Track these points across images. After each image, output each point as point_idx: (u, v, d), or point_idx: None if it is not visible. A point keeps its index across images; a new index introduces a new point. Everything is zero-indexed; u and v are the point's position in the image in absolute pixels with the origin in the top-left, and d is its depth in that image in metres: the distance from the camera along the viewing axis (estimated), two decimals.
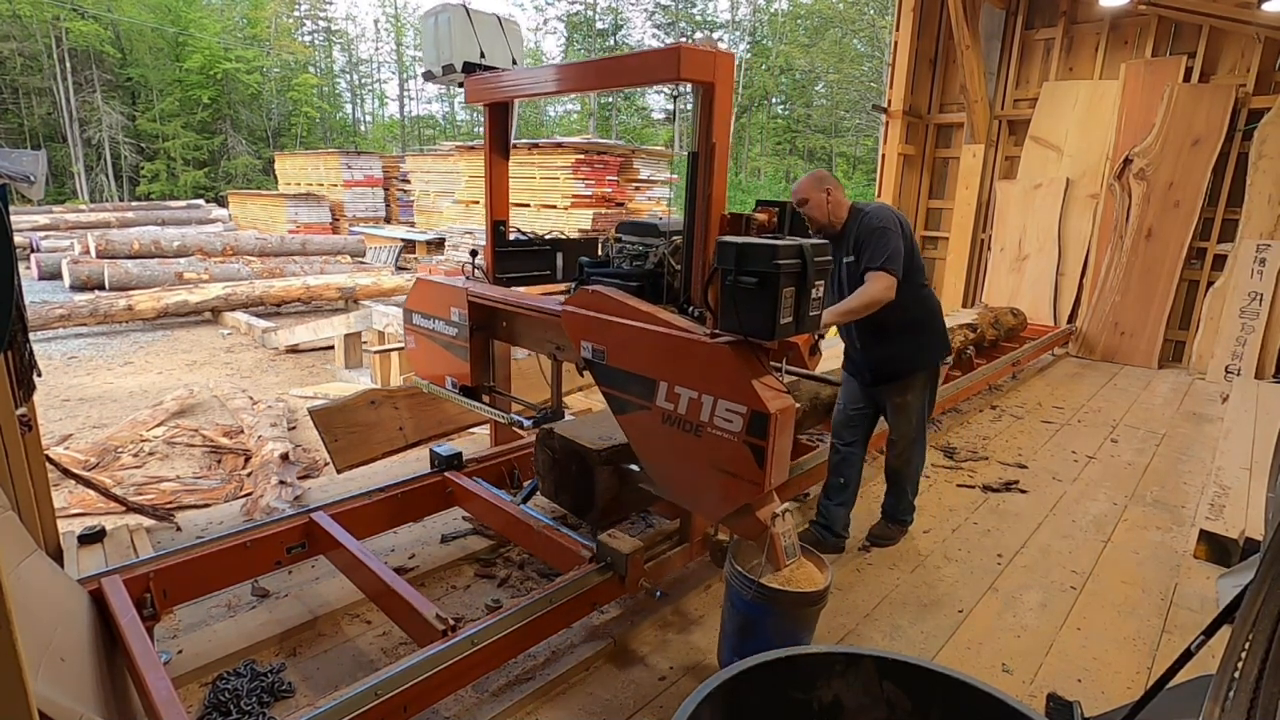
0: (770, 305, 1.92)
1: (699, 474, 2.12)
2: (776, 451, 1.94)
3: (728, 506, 2.11)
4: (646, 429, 2.24)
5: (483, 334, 2.95)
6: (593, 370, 2.37)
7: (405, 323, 3.28)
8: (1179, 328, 7.00)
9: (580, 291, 2.45)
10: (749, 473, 1.97)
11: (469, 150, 14.48)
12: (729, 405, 1.98)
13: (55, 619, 1.87)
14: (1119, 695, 2.32)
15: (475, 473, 3.11)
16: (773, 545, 2.09)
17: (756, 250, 1.93)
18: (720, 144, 2.27)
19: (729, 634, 2.24)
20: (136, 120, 30.46)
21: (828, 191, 2.81)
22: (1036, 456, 4.48)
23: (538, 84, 2.82)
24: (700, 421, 2.05)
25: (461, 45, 2.99)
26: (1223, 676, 1.03)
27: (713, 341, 2.04)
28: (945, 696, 1.32)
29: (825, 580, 2.14)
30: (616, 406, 2.33)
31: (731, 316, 2.02)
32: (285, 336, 8.06)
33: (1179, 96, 6.65)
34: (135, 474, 4.40)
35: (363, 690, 1.80)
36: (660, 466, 2.29)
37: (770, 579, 2.09)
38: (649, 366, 2.18)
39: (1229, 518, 3.30)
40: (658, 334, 2.15)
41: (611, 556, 2.37)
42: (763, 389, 1.94)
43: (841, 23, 31.33)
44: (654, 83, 2.33)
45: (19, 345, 2.36)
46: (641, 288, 2.56)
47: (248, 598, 2.73)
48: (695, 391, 2.06)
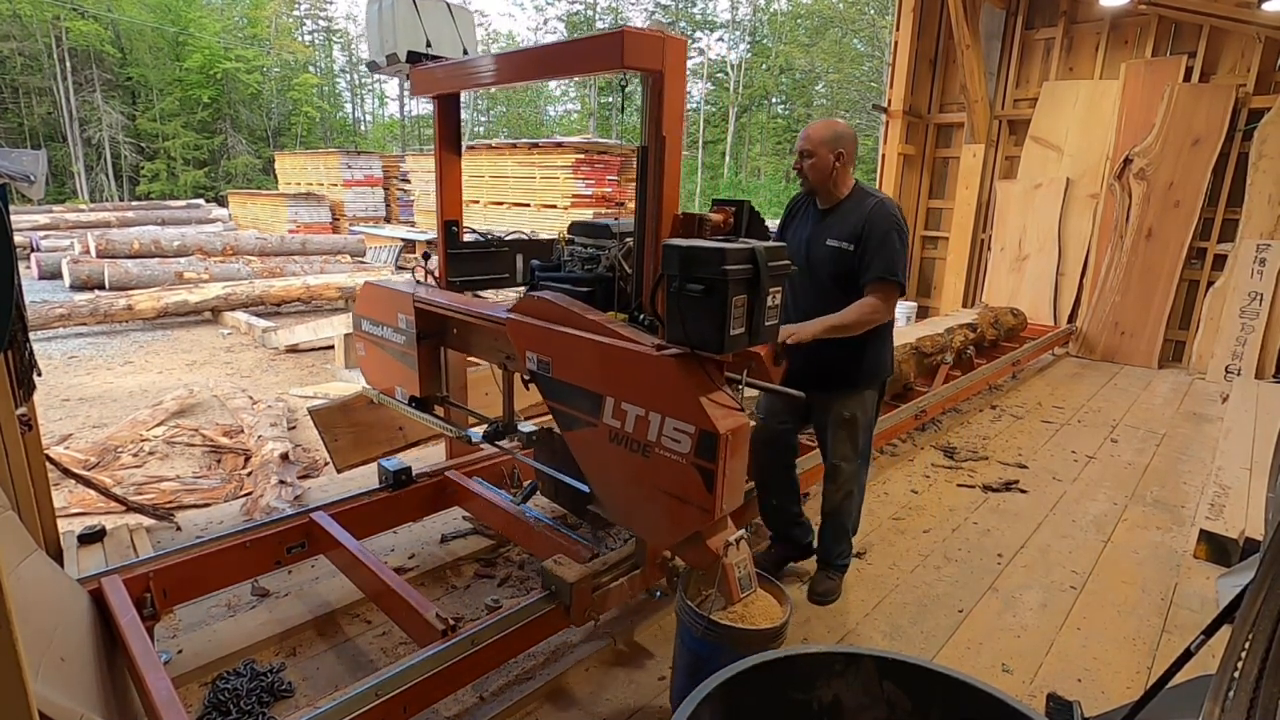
0: (718, 315, 1.75)
1: (647, 497, 1.96)
2: (728, 475, 1.78)
3: (677, 534, 1.95)
4: (593, 447, 2.08)
5: (432, 342, 2.75)
6: (538, 383, 2.22)
7: (355, 329, 3.08)
8: (1179, 328, 7.00)
9: (526, 298, 2.29)
10: (698, 498, 1.81)
11: (468, 150, 14.48)
12: (677, 424, 1.82)
13: (55, 619, 1.87)
14: (1119, 695, 2.33)
15: (475, 473, 3.11)
16: (725, 577, 1.92)
17: (702, 255, 1.76)
18: (672, 138, 2.08)
19: (679, 672, 2.08)
20: (136, 120, 30.47)
21: (839, 156, 2.48)
22: (1036, 456, 4.48)
23: (480, 74, 2.61)
24: (648, 441, 1.89)
25: (406, 33, 2.78)
26: (1223, 676, 1.03)
27: (658, 355, 1.87)
28: (945, 696, 1.32)
29: (784, 615, 1.99)
30: (563, 422, 2.17)
31: (678, 327, 1.84)
32: (285, 336, 8.06)
33: (1179, 96, 6.65)
34: (135, 474, 4.40)
35: (363, 690, 1.80)
36: (608, 488, 2.13)
37: (722, 614, 1.94)
38: (595, 380, 2.02)
39: (1229, 518, 3.30)
40: (602, 345, 1.99)
41: (556, 585, 2.19)
42: (712, 407, 1.77)
43: (841, 23, 31.35)
44: (597, 71, 2.13)
45: (19, 345, 2.36)
46: (593, 293, 2.38)
47: (248, 598, 2.73)
48: (642, 408, 1.90)
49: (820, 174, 2.49)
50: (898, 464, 4.31)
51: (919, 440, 4.69)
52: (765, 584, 2.08)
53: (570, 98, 39.97)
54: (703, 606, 1.96)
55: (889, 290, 2.44)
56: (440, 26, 2.87)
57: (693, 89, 37.02)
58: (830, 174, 2.49)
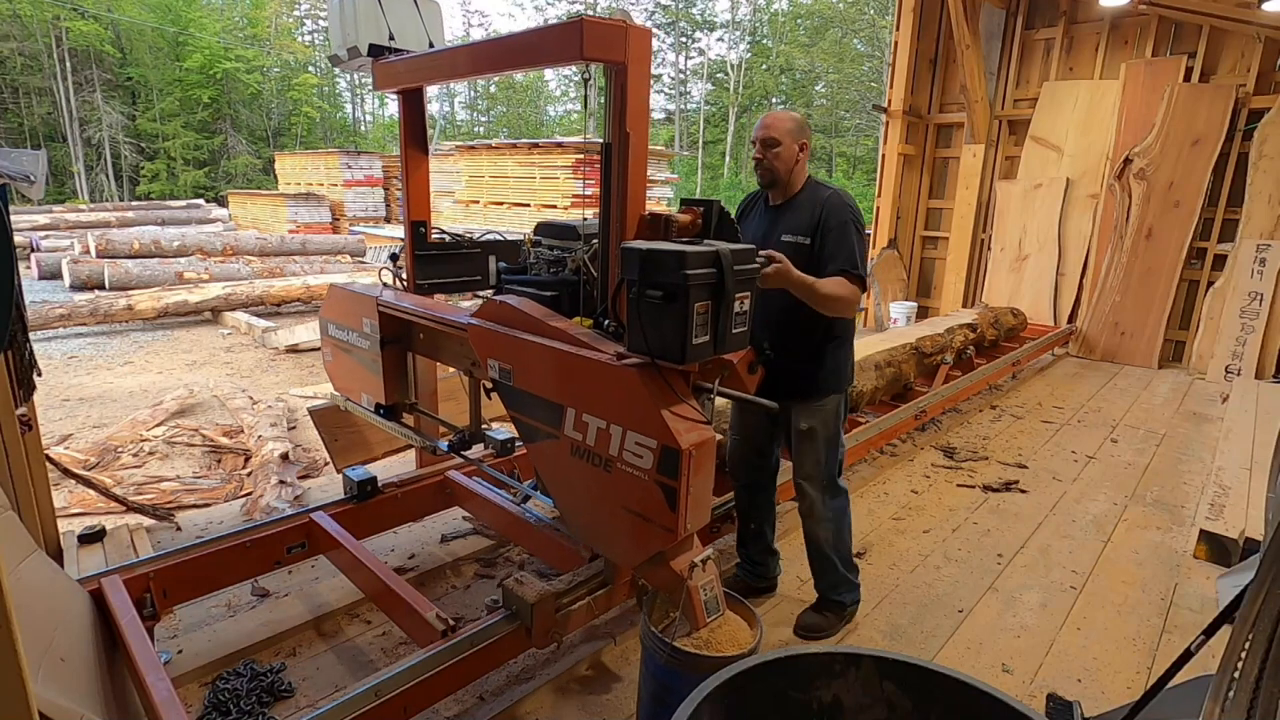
0: (680, 323, 1.65)
1: (610, 515, 1.87)
2: (692, 492, 1.69)
3: (640, 554, 1.86)
4: (555, 461, 1.98)
5: (397, 347, 2.66)
6: (499, 392, 2.13)
7: (321, 333, 3.01)
8: (1179, 328, 7.00)
9: (489, 303, 2.19)
10: (661, 517, 1.72)
11: (469, 150, 14.50)
12: (638, 438, 1.72)
13: (55, 619, 1.87)
14: (1119, 695, 2.32)
15: (475, 473, 3.11)
16: (690, 600, 1.83)
17: (661, 258, 1.65)
18: (637, 133, 1.96)
19: (644, 702, 1.96)
20: (136, 120, 30.47)
21: (803, 146, 2.33)
22: (1036, 456, 4.48)
23: (438, 67, 2.54)
24: (609, 455, 1.80)
25: (367, 26, 2.68)
26: (1223, 676, 1.03)
27: (618, 365, 1.77)
28: (945, 696, 1.32)
29: (753, 640, 1.87)
30: (525, 434, 2.08)
31: (638, 336, 1.73)
32: (285, 336, 8.05)
33: (1179, 96, 6.65)
34: (135, 474, 4.40)
35: (363, 690, 1.80)
36: (570, 503, 2.04)
37: (686, 641, 1.83)
38: (555, 390, 1.93)
39: (1229, 518, 3.30)
40: (561, 353, 1.90)
41: (516, 605, 2.09)
42: (675, 420, 1.68)
43: (841, 23, 31.35)
44: (558, 63, 2.04)
45: (19, 345, 2.36)
46: (558, 297, 2.28)
47: (248, 598, 2.73)
48: (604, 421, 1.81)
49: (785, 165, 2.33)
50: (898, 464, 4.31)
51: (919, 440, 4.69)
52: (734, 605, 1.97)
53: (570, 98, 39.97)
54: (667, 632, 1.86)
55: (852, 285, 2.25)
56: (404, 19, 2.77)
57: (693, 89, 37.04)
58: (793, 166, 2.34)
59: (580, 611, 2.23)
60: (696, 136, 34.89)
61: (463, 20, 42.47)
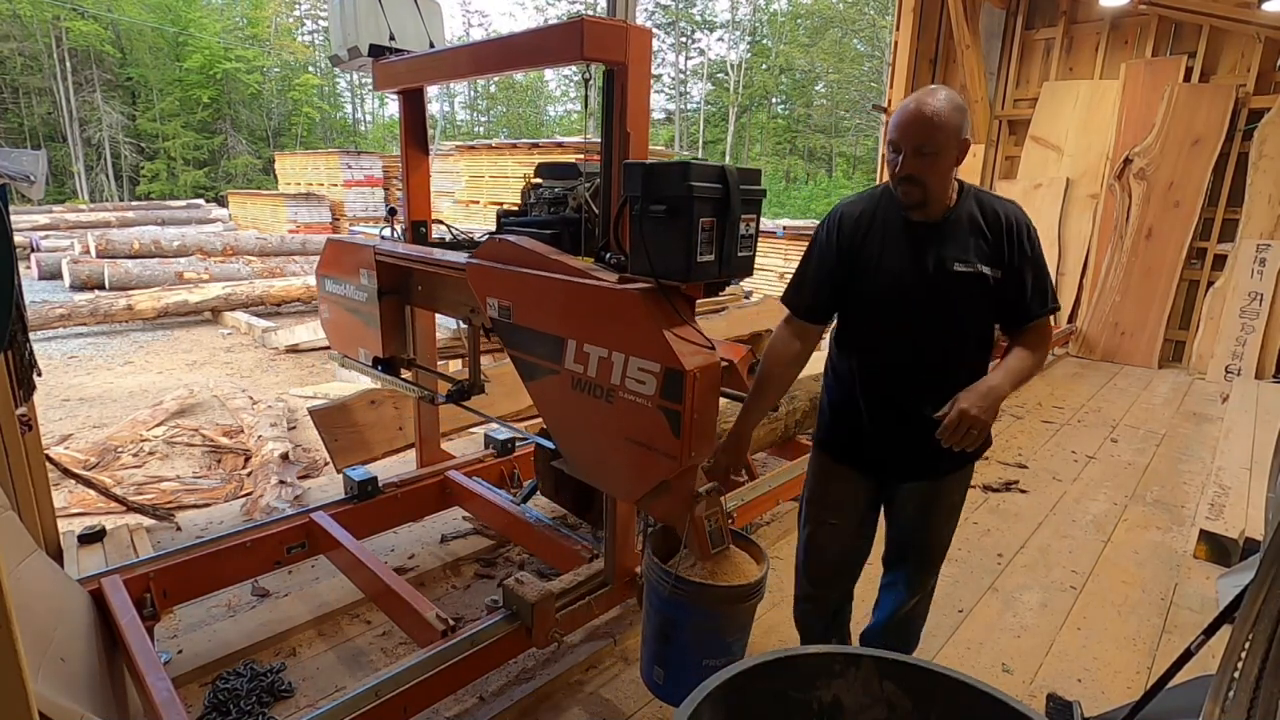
0: (684, 238, 1.59)
1: (612, 447, 1.83)
2: (697, 418, 1.63)
3: (643, 485, 1.81)
4: (556, 397, 1.95)
5: (395, 298, 2.62)
6: (498, 331, 2.10)
7: (319, 290, 2.96)
8: (1179, 328, 7.00)
9: (488, 241, 2.16)
10: (664, 444, 1.68)
11: (469, 150, 14.49)
12: (641, 363, 1.68)
13: (55, 619, 1.87)
14: (1119, 695, 2.32)
15: (475, 473, 3.11)
16: (694, 530, 1.77)
17: (666, 171, 1.60)
18: (637, 135, 1.97)
19: (648, 639, 1.93)
20: (136, 120, 30.46)
21: (964, 147, 1.63)
22: (1036, 456, 4.48)
23: (439, 67, 2.55)
24: (612, 385, 1.76)
25: (368, 26, 2.68)
26: (1223, 676, 1.03)
27: (620, 288, 1.73)
28: (945, 696, 1.32)
29: (759, 571, 1.81)
30: (525, 372, 2.04)
31: (641, 255, 1.68)
32: (285, 336, 8.05)
33: (1179, 96, 6.65)
34: (135, 474, 4.40)
35: (363, 690, 1.80)
36: (571, 440, 2.00)
37: (690, 571, 1.79)
38: (556, 323, 1.90)
39: (1229, 518, 3.30)
40: (561, 283, 1.87)
41: (517, 606, 2.08)
42: (678, 342, 1.63)
43: (841, 23, 31.36)
44: (558, 63, 2.04)
45: (19, 345, 2.36)
46: (559, 235, 2.24)
47: (248, 598, 2.73)
48: (605, 349, 1.77)
49: (943, 180, 1.65)
50: None
51: None
52: (741, 542, 1.93)
53: (571, 97, 39.98)
54: (672, 566, 1.81)
55: (1049, 329, 1.80)
56: (404, 19, 2.77)
57: (693, 89, 37.04)
58: (951, 177, 1.68)
59: (580, 611, 2.23)
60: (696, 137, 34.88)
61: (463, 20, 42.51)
